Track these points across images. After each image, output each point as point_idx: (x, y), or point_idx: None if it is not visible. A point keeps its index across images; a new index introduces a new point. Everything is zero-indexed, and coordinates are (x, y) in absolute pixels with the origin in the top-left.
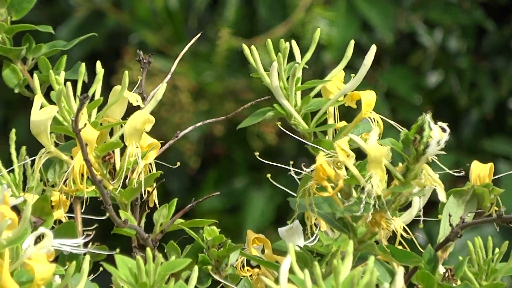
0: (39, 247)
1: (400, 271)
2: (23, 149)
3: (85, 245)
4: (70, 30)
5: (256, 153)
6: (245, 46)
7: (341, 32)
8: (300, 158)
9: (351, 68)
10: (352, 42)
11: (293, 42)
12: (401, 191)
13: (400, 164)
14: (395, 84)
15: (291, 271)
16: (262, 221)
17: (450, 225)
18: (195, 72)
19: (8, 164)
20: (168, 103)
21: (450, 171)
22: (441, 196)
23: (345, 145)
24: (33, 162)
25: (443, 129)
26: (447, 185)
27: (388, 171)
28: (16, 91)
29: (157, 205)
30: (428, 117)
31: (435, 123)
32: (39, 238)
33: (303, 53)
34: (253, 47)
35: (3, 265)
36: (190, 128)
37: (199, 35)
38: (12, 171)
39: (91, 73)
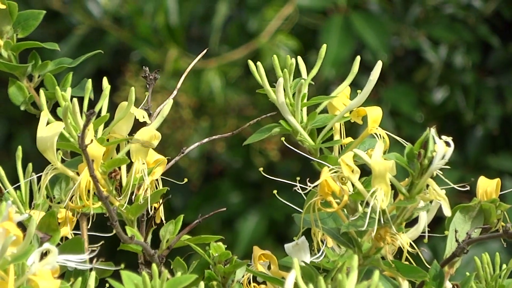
0: (44, 263)
1: (405, 287)
2: (30, 166)
3: (91, 261)
4: (71, 47)
5: (261, 169)
6: (250, 62)
7: (336, 50)
8: (302, 175)
9: (350, 85)
10: (358, 58)
11: (299, 58)
12: (406, 205)
13: (407, 179)
14: (398, 101)
15: (297, 286)
16: (256, 236)
17: (457, 240)
18: (196, 89)
19: (13, 180)
20: (169, 120)
21: (455, 186)
22: (446, 210)
23: (350, 160)
24: (39, 178)
25: (447, 144)
26: (452, 201)
27: (393, 186)
28: (22, 108)
29: (163, 221)
30: (432, 131)
31: (440, 138)
32: (45, 255)
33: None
34: (258, 63)
35: (8, 281)
36: (197, 144)
37: (204, 51)
38: (18, 187)
39: (95, 90)
